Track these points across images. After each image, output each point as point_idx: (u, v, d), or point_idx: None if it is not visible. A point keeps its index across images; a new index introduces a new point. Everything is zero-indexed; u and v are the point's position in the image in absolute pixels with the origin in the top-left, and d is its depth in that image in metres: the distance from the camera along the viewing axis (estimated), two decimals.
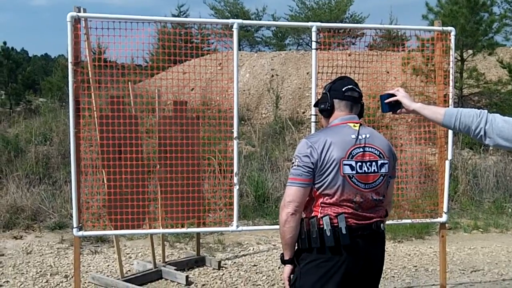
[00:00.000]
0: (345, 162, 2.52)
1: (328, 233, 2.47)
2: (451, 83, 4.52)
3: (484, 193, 9.03)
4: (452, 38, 4.46)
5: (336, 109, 2.70)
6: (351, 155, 2.54)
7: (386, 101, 2.73)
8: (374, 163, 2.59)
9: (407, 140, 6.21)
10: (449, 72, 4.55)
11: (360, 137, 2.59)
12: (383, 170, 2.61)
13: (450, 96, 4.56)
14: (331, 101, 2.70)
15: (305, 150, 2.54)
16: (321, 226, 2.49)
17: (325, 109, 2.72)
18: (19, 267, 5.67)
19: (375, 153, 2.60)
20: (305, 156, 2.53)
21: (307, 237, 2.53)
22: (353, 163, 2.54)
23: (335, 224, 2.49)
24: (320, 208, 2.54)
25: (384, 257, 2.79)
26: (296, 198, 2.54)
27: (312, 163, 2.51)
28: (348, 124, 2.64)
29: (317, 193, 2.55)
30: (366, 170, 2.56)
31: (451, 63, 4.50)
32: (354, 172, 2.54)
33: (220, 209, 5.40)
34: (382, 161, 2.61)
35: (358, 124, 2.65)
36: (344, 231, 2.48)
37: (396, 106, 2.72)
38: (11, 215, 7.33)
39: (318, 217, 2.52)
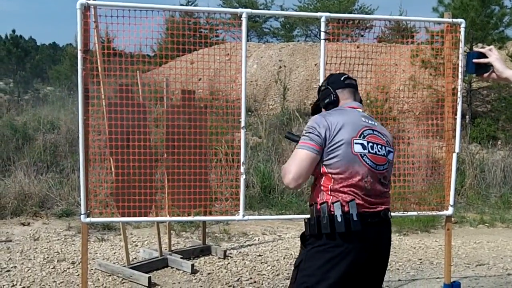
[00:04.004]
0: (356, 141, 2.54)
1: (339, 219, 2.46)
2: (460, 76, 4.49)
3: (491, 188, 9.01)
4: (462, 30, 4.43)
5: (341, 98, 2.75)
6: (362, 135, 2.57)
7: (475, 61, 2.42)
8: (383, 147, 2.62)
9: (414, 133, 6.19)
10: (458, 65, 4.52)
11: (370, 121, 2.67)
12: (389, 157, 2.66)
13: (459, 89, 4.53)
14: (334, 93, 2.75)
15: (320, 123, 2.55)
16: (332, 212, 2.48)
17: (331, 102, 2.75)
18: (27, 253, 5.73)
19: (383, 139, 2.65)
20: (319, 127, 2.54)
21: (316, 223, 2.51)
22: (365, 143, 2.56)
23: (346, 210, 2.48)
24: (331, 192, 2.52)
25: (391, 246, 2.78)
26: (303, 169, 2.51)
27: (324, 135, 2.52)
28: (357, 109, 2.72)
29: (328, 171, 2.52)
30: (377, 152, 2.59)
31: (460, 55, 4.47)
32: (366, 151, 2.55)
33: (226, 199, 5.42)
34: (388, 149, 2.66)
35: (366, 112, 2.75)
36: (355, 218, 2.47)
37: (484, 68, 2.41)
38: (19, 202, 7.39)
39: (329, 202, 2.50)
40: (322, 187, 2.55)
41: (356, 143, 2.53)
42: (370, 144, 2.57)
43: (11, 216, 7.18)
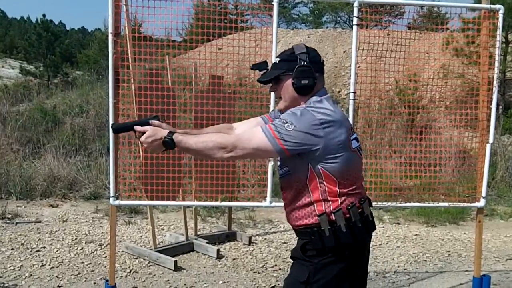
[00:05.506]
0: (352, 137, 2.25)
1: (359, 224, 2.21)
2: (496, 64, 4.35)
3: None
4: (500, 17, 4.27)
5: (317, 85, 2.29)
6: (351, 128, 2.29)
7: None
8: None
9: (445, 122, 6.06)
10: (494, 53, 4.37)
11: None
12: None
13: (495, 78, 4.39)
14: (316, 76, 2.28)
15: (312, 127, 2.12)
16: (348, 217, 2.20)
17: (309, 87, 2.26)
18: (56, 234, 5.83)
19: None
20: (308, 134, 2.12)
21: (333, 234, 2.18)
22: (356, 135, 2.30)
23: (360, 211, 2.23)
24: (340, 197, 2.21)
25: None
26: (258, 153, 2.17)
27: (312, 144, 2.13)
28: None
29: (331, 176, 2.18)
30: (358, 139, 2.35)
31: (497, 43, 4.32)
32: (359, 144, 2.30)
33: (253, 185, 5.40)
34: None
35: None
36: (370, 218, 2.27)
37: None
38: (48, 184, 7.53)
39: (341, 208, 2.20)
40: (327, 193, 2.21)
41: (352, 139, 2.24)
42: (356, 134, 2.32)
43: (41, 197, 7.32)
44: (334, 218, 2.20)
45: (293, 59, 2.28)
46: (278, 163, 2.38)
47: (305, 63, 2.26)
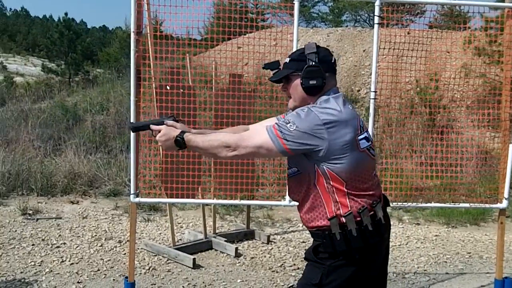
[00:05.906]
0: (360, 137, 2.21)
1: (371, 228, 2.19)
2: None
3: None
4: None
5: (327, 85, 2.29)
6: (361, 127, 2.24)
7: None
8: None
9: (467, 122, 5.99)
10: None
11: (351, 105, 2.32)
12: None
13: None
14: (325, 77, 2.27)
15: (314, 128, 2.12)
16: (359, 220, 2.18)
17: (317, 86, 2.26)
18: (76, 231, 5.90)
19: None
20: (310, 134, 2.12)
21: (343, 237, 2.18)
22: (366, 134, 2.26)
23: (372, 214, 2.21)
24: (349, 198, 2.20)
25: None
26: (261, 152, 2.18)
27: (315, 145, 2.13)
28: (340, 94, 2.32)
29: (337, 177, 2.17)
30: (371, 138, 2.33)
31: None
32: (370, 143, 2.27)
33: (271, 184, 5.41)
34: None
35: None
36: (383, 221, 2.24)
37: None
38: (68, 181, 7.62)
39: (352, 211, 2.19)
40: (336, 194, 2.20)
41: (360, 139, 2.20)
42: (367, 132, 2.28)
43: (61, 194, 7.41)
44: (344, 221, 2.19)
45: (302, 59, 2.30)
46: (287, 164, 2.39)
47: (314, 63, 2.27)
